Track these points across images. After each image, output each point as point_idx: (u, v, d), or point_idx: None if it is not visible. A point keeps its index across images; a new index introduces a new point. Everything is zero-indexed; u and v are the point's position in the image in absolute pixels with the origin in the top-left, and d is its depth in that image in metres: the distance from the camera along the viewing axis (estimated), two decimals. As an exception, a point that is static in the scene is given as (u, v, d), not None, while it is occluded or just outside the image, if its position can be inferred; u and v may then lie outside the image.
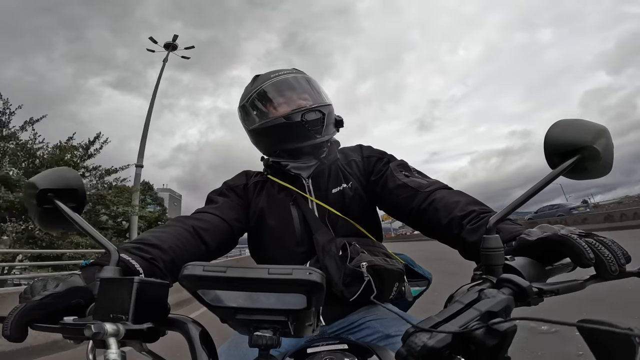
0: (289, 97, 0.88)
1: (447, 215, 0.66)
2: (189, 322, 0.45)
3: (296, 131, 0.84)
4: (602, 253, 0.38)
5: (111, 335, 0.36)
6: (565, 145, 0.46)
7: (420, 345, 0.30)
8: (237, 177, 0.97)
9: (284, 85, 0.89)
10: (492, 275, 0.39)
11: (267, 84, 0.89)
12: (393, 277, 0.77)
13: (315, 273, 0.34)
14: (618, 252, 0.39)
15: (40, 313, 0.44)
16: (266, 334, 0.38)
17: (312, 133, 0.85)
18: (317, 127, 0.85)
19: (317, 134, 0.85)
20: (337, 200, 0.86)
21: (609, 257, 0.38)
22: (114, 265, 0.49)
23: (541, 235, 0.42)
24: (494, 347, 0.30)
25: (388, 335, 0.72)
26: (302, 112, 0.84)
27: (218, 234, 0.79)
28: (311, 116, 0.84)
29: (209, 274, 0.34)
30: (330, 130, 0.89)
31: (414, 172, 0.84)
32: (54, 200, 0.56)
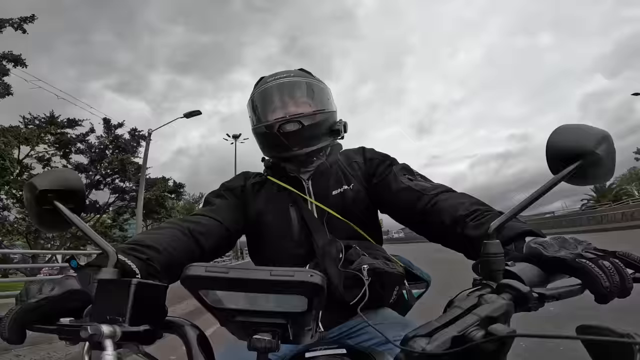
0: (275, 104, 0.87)
1: (451, 216, 0.66)
2: (186, 324, 0.45)
3: (274, 141, 0.85)
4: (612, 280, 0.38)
5: (107, 336, 0.36)
6: (567, 150, 0.46)
7: (419, 350, 0.30)
8: (235, 178, 0.96)
9: (274, 91, 0.87)
10: (492, 281, 0.39)
11: (262, 88, 0.89)
12: (394, 280, 0.76)
13: (316, 275, 0.33)
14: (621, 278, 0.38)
15: (36, 315, 0.44)
16: (265, 337, 0.38)
17: (289, 145, 0.83)
18: (294, 139, 0.83)
19: (295, 146, 0.84)
20: (338, 202, 0.85)
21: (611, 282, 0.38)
22: (112, 267, 0.49)
23: (559, 254, 0.41)
24: (493, 352, 0.30)
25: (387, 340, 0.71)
26: (280, 122, 0.82)
27: (214, 236, 0.78)
28: (288, 127, 0.82)
29: (211, 274, 0.34)
30: (316, 141, 0.86)
31: (417, 176, 0.83)
32: (54, 201, 0.56)
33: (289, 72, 0.91)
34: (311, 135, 0.85)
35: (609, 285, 0.37)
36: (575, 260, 0.40)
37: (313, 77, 0.94)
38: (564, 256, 0.41)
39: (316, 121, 0.85)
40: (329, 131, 0.89)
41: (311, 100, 0.88)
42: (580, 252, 0.41)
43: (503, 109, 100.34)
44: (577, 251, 0.41)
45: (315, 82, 0.92)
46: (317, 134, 0.86)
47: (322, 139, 0.88)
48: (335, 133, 0.91)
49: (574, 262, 0.40)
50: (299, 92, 0.88)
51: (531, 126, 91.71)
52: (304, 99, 0.88)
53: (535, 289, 0.37)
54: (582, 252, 0.40)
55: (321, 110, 0.87)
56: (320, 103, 0.89)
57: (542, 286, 0.40)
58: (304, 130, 0.83)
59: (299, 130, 0.82)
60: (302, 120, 0.83)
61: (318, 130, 0.86)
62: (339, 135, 0.93)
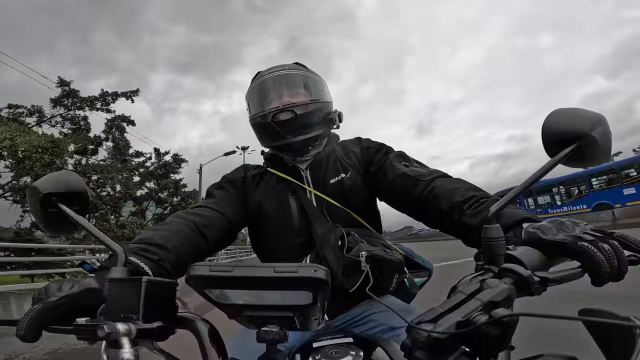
0: (270, 96, 0.89)
1: (448, 201, 0.66)
2: (197, 319, 0.46)
3: (268, 131, 0.87)
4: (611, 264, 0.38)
5: (123, 334, 0.37)
6: (563, 133, 0.46)
7: (424, 335, 0.31)
8: (235, 170, 0.97)
9: (270, 83, 0.89)
10: (493, 265, 0.40)
11: (258, 81, 0.92)
12: (393, 267, 0.77)
13: (320, 270, 0.34)
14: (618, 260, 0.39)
15: (54, 314, 0.45)
16: (273, 329, 0.39)
17: (282, 133, 0.85)
18: (287, 127, 0.85)
19: (289, 134, 0.85)
20: (336, 191, 0.86)
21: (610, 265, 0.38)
22: (122, 266, 0.50)
23: (558, 237, 0.41)
24: (497, 336, 0.31)
25: (392, 328, 0.73)
26: (273, 112, 0.85)
27: (217, 228, 0.80)
28: (281, 116, 0.84)
29: (215, 274, 0.35)
30: (309, 129, 0.87)
31: (413, 162, 0.83)
32: (58, 204, 0.56)
33: (284, 66, 0.93)
34: (304, 124, 0.86)
35: (609, 270, 0.38)
36: (576, 243, 0.40)
37: (307, 70, 0.95)
38: (563, 239, 0.41)
39: (309, 110, 0.87)
40: (323, 120, 0.90)
41: (305, 91, 0.89)
42: (579, 234, 0.41)
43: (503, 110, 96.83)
44: (575, 233, 0.41)
45: (309, 74, 0.93)
46: (310, 122, 0.87)
47: (316, 128, 0.89)
48: (329, 122, 0.92)
49: (575, 246, 0.40)
50: (293, 83, 0.90)
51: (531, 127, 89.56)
52: (297, 90, 0.89)
53: (536, 272, 0.37)
54: (581, 234, 0.41)
55: (314, 100, 0.89)
56: (313, 93, 0.90)
57: (544, 270, 0.40)
58: (297, 119, 0.85)
59: (292, 119, 0.84)
60: (295, 110, 0.84)
61: (311, 119, 0.88)
62: (333, 125, 0.94)
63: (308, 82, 0.91)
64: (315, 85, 0.92)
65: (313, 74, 0.94)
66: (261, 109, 0.89)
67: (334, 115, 0.92)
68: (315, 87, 0.92)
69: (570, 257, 0.41)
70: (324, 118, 0.90)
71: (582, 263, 0.40)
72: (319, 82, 0.94)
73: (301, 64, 0.97)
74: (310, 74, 0.93)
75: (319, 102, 0.89)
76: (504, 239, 0.42)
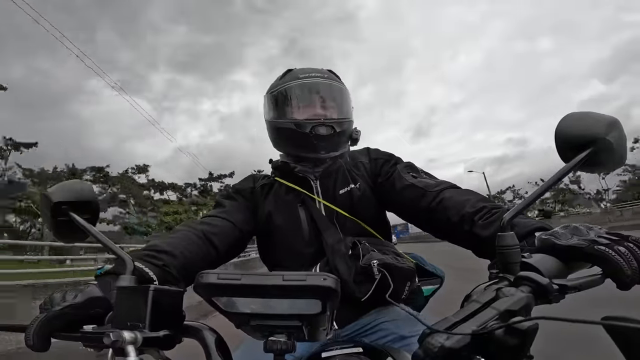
0: (309, 103, 0.86)
1: (458, 212, 0.65)
2: (204, 329, 0.46)
3: (302, 141, 0.84)
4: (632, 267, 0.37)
5: (129, 342, 0.37)
6: (577, 138, 0.45)
7: (437, 346, 0.29)
8: (244, 180, 0.97)
9: (310, 90, 0.86)
10: (509, 274, 0.38)
11: (294, 83, 0.86)
12: (404, 275, 0.76)
13: (329, 278, 0.33)
14: None
15: (60, 323, 0.45)
16: (281, 339, 0.38)
17: (318, 148, 0.83)
18: (324, 142, 0.82)
19: (323, 150, 0.84)
20: (345, 201, 0.85)
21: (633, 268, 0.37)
22: (130, 274, 0.50)
23: (572, 242, 0.40)
24: (515, 346, 0.29)
25: (402, 337, 0.71)
26: (313, 124, 0.81)
27: (227, 237, 0.79)
28: (321, 130, 0.81)
29: (223, 281, 0.34)
30: (340, 147, 0.87)
31: (421, 173, 0.83)
32: (69, 212, 0.57)
33: (322, 72, 0.89)
34: (339, 141, 0.86)
35: (630, 273, 0.37)
36: (593, 247, 0.39)
37: (341, 81, 0.92)
38: (578, 244, 0.40)
39: (344, 128, 0.86)
40: (349, 139, 0.90)
41: (341, 106, 0.88)
42: (594, 237, 0.40)
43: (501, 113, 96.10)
44: (590, 237, 0.40)
45: (343, 87, 0.91)
46: (343, 140, 0.87)
47: (344, 146, 0.89)
48: (354, 141, 0.92)
49: (593, 250, 0.39)
50: (332, 95, 0.87)
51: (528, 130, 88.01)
52: (335, 103, 0.87)
53: (555, 280, 0.36)
54: (596, 238, 0.39)
55: (347, 118, 0.88)
56: (346, 110, 0.89)
57: (561, 277, 0.39)
58: (335, 135, 0.83)
59: (331, 136, 0.83)
60: (334, 126, 0.83)
61: (344, 137, 0.87)
62: (356, 143, 0.93)
63: (344, 95, 0.89)
64: (348, 101, 0.91)
65: (345, 87, 0.92)
66: (293, 115, 0.85)
67: (357, 135, 0.91)
68: (347, 102, 0.90)
69: (588, 261, 0.40)
70: (350, 136, 0.90)
71: (602, 268, 0.39)
72: (349, 96, 0.92)
73: (334, 73, 0.94)
74: (343, 86, 0.91)
75: (350, 120, 0.89)
76: (519, 246, 0.40)
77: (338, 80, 0.91)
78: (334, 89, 0.88)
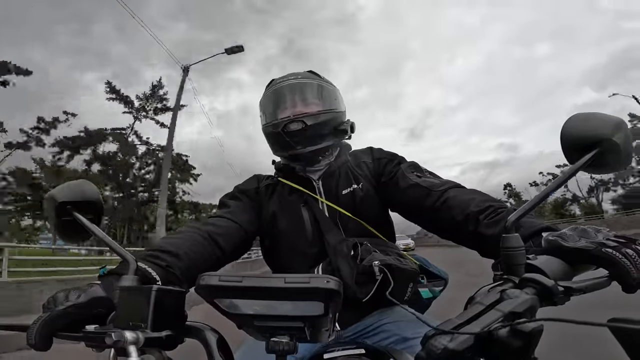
0: (282, 105, 0.89)
1: (462, 212, 0.65)
2: (206, 329, 0.46)
3: (278, 141, 0.88)
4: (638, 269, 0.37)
5: (131, 343, 0.37)
6: (583, 139, 0.44)
7: (440, 348, 0.29)
8: (248, 181, 0.97)
9: (281, 93, 0.90)
10: (513, 275, 0.38)
11: (273, 88, 0.92)
12: (407, 276, 0.75)
13: (332, 281, 0.33)
14: None
15: (63, 322, 0.45)
16: (283, 340, 0.38)
17: (291, 144, 0.85)
18: (297, 138, 0.85)
19: (299, 145, 0.86)
20: (348, 202, 0.85)
21: None
22: (132, 274, 0.50)
23: (580, 244, 0.40)
24: (519, 348, 0.29)
25: (405, 339, 0.71)
26: (284, 122, 0.85)
27: (232, 238, 0.80)
28: (291, 127, 0.84)
29: (225, 284, 0.34)
30: (321, 140, 0.87)
31: (425, 173, 0.82)
32: (73, 212, 0.57)
33: (297, 74, 0.93)
34: (314, 134, 0.86)
35: (637, 276, 0.36)
36: (600, 250, 0.38)
37: (321, 79, 0.95)
38: (586, 246, 0.39)
39: (320, 121, 0.86)
40: (334, 131, 0.90)
41: (317, 100, 0.89)
42: (602, 240, 0.39)
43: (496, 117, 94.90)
44: (598, 240, 0.40)
45: (323, 83, 0.93)
46: (321, 133, 0.87)
47: (327, 139, 0.89)
48: (341, 133, 0.92)
49: (600, 252, 0.38)
50: (305, 93, 0.90)
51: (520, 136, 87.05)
52: (310, 99, 0.89)
53: (560, 282, 0.35)
54: (604, 241, 0.39)
55: (326, 110, 0.88)
56: (326, 103, 0.90)
57: (567, 279, 0.38)
58: (307, 129, 0.85)
59: (302, 130, 0.84)
60: (305, 120, 0.84)
61: (322, 130, 0.87)
62: (345, 135, 0.94)
63: (320, 91, 0.91)
64: (328, 95, 0.92)
65: (326, 83, 0.94)
66: (273, 118, 0.89)
67: (346, 126, 0.92)
68: (327, 96, 0.92)
69: (595, 264, 0.40)
70: (336, 128, 0.90)
71: (608, 270, 0.38)
72: (332, 91, 0.94)
73: (315, 73, 0.97)
74: (324, 82, 0.93)
75: (330, 112, 0.89)
76: (524, 248, 0.40)
77: (317, 78, 0.94)
78: (306, 86, 0.90)
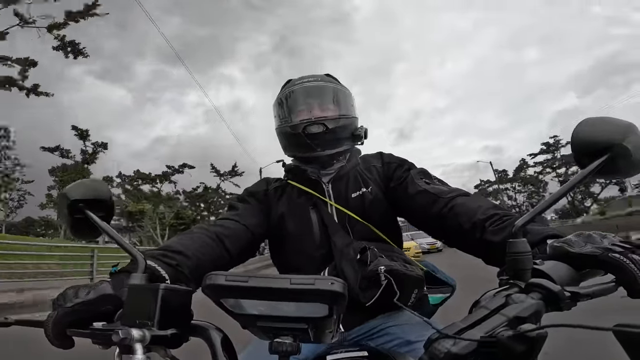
0: (302, 106, 0.90)
1: (469, 219, 0.65)
2: (211, 328, 0.46)
3: (297, 142, 0.89)
4: None
5: (137, 340, 0.37)
6: (593, 144, 0.44)
7: (443, 352, 0.29)
8: (257, 183, 0.99)
9: (302, 94, 0.90)
10: (520, 280, 0.38)
11: (291, 89, 0.92)
12: (412, 283, 0.75)
13: (337, 283, 0.33)
14: None
15: (72, 319, 0.46)
16: (286, 341, 0.38)
17: (311, 146, 0.86)
18: (317, 140, 0.85)
19: (319, 147, 0.86)
20: (357, 205, 0.85)
21: None
22: (141, 273, 0.51)
23: (586, 250, 0.40)
24: (522, 354, 0.29)
25: (409, 342, 0.70)
26: (305, 124, 0.85)
27: (239, 240, 0.80)
28: (312, 129, 0.85)
29: (231, 283, 0.34)
30: (338, 144, 0.89)
31: (434, 180, 0.82)
32: (85, 210, 0.58)
33: (316, 77, 0.94)
34: (334, 138, 0.88)
35: None
36: (607, 255, 0.38)
37: (338, 83, 0.96)
38: (592, 252, 0.39)
39: (339, 125, 0.88)
40: (350, 136, 0.92)
41: (336, 104, 0.91)
42: (609, 245, 0.39)
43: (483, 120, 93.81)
44: (604, 245, 0.39)
45: (340, 87, 0.94)
46: (339, 137, 0.89)
47: (344, 143, 0.91)
48: (356, 138, 0.93)
49: (607, 258, 0.38)
50: (325, 96, 0.91)
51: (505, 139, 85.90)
52: (329, 103, 0.90)
53: (566, 287, 0.35)
54: (610, 246, 0.39)
55: (345, 115, 0.90)
56: (344, 108, 0.91)
57: (574, 284, 0.38)
58: (328, 132, 0.86)
59: (323, 133, 0.85)
60: (326, 123, 0.86)
61: (341, 134, 0.89)
62: (359, 141, 0.95)
63: (339, 95, 0.92)
64: (345, 100, 0.93)
65: (343, 88, 0.95)
66: (291, 119, 0.90)
67: (361, 131, 0.93)
68: (345, 101, 0.93)
69: (601, 269, 0.39)
70: (352, 134, 0.92)
71: (615, 276, 0.38)
72: (349, 96, 0.95)
73: (332, 76, 0.98)
74: (341, 87, 0.95)
75: (348, 117, 0.91)
76: (530, 253, 0.40)
77: (334, 82, 0.95)
78: (326, 90, 0.91)
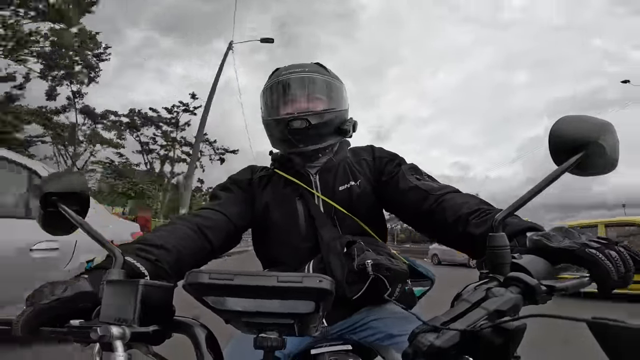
0: (287, 99, 0.86)
1: (454, 214, 0.66)
2: (194, 324, 0.45)
3: (281, 136, 0.86)
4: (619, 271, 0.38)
5: (117, 338, 0.36)
6: (570, 141, 0.45)
7: (427, 344, 0.30)
8: (242, 171, 0.96)
9: (287, 86, 0.87)
10: (499, 274, 0.39)
11: (277, 79, 0.88)
12: (397, 277, 0.76)
13: (325, 280, 0.33)
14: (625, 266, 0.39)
15: (47, 317, 0.44)
16: (271, 336, 0.38)
17: (294, 141, 0.84)
18: (299, 136, 0.83)
19: (301, 143, 0.84)
20: (344, 198, 0.85)
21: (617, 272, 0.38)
22: (119, 268, 0.49)
23: (564, 245, 0.41)
24: (502, 345, 0.30)
25: (391, 335, 0.71)
26: (288, 118, 0.83)
27: (221, 231, 0.79)
28: (295, 124, 0.82)
29: (216, 282, 0.34)
30: (323, 139, 0.86)
31: (424, 176, 0.83)
32: (58, 203, 0.56)
33: (304, 66, 0.90)
34: (317, 133, 0.85)
35: (617, 278, 0.38)
36: (584, 250, 0.40)
37: (328, 73, 0.92)
38: (570, 246, 0.40)
39: (324, 120, 0.85)
40: (337, 130, 0.89)
41: (323, 97, 0.87)
42: (585, 241, 0.40)
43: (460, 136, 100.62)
44: (581, 240, 0.41)
45: (329, 79, 0.90)
46: (324, 132, 0.86)
47: (330, 138, 0.88)
48: (343, 132, 0.90)
49: (583, 253, 0.39)
50: (311, 88, 0.87)
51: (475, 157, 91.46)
52: (315, 95, 0.87)
53: (543, 281, 0.36)
54: (587, 242, 0.40)
55: (331, 109, 0.87)
56: (331, 101, 0.88)
57: (550, 278, 0.39)
58: (311, 128, 0.83)
59: (306, 129, 0.83)
60: (309, 119, 0.83)
61: (324, 130, 0.86)
62: (347, 135, 0.92)
63: (326, 88, 0.88)
64: (335, 92, 0.89)
65: (333, 79, 0.91)
66: (276, 113, 0.87)
67: (348, 126, 0.90)
68: (334, 93, 0.89)
69: (578, 264, 0.41)
70: (338, 127, 0.89)
71: (589, 271, 0.39)
72: (338, 88, 0.91)
73: (322, 65, 0.94)
74: (331, 78, 0.90)
75: (335, 111, 0.87)
76: (509, 247, 0.41)
77: (323, 73, 0.90)
78: (313, 82, 0.87)
